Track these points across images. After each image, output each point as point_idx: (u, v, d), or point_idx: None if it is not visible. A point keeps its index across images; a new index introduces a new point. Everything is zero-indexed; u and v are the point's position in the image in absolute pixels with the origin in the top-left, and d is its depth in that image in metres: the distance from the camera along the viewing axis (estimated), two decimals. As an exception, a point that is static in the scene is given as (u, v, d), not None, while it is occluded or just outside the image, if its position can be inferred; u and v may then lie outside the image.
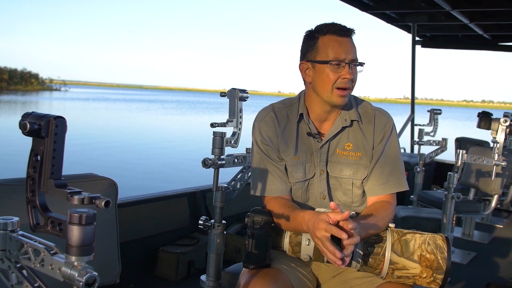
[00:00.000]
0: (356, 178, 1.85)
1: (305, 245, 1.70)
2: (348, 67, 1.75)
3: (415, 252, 1.65)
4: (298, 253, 1.73)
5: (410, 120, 7.58)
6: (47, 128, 0.96)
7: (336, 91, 1.77)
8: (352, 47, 1.78)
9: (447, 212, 3.69)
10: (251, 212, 1.76)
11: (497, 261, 4.28)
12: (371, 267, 1.67)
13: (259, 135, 1.89)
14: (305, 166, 1.87)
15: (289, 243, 1.75)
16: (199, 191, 3.75)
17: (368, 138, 1.85)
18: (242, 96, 2.27)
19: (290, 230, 1.75)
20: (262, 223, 1.72)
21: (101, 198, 0.92)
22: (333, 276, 1.88)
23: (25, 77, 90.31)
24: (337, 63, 1.76)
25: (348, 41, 1.78)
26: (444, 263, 1.64)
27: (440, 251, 1.65)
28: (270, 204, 1.84)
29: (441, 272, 1.63)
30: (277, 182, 1.87)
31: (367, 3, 6.32)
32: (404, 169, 1.90)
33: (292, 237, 1.74)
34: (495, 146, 3.79)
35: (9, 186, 1.86)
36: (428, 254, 1.64)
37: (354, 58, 1.77)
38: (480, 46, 8.41)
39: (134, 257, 3.17)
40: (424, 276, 1.64)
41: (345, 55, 1.75)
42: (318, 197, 1.89)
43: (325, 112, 1.86)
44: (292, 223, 1.70)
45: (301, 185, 1.89)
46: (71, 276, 0.93)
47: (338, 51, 1.76)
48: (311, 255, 1.70)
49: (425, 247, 1.65)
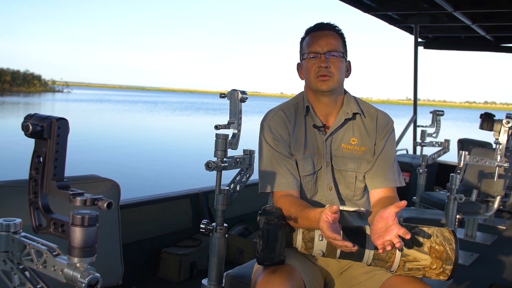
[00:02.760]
0: (359, 172, 1.96)
1: (318, 240, 1.73)
2: (325, 57, 1.90)
3: (425, 243, 1.69)
4: (311, 249, 1.76)
5: (413, 121, 7.56)
6: (49, 130, 0.96)
7: (318, 78, 1.91)
8: (328, 39, 1.92)
9: (450, 214, 3.68)
10: (262, 211, 1.78)
11: (500, 262, 4.27)
12: (383, 260, 1.70)
13: (269, 133, 1.96)
14: (313, 159, 1.96)
15: (302, 239, 1.77)
16: (201, 192, 3.75)
17: (370, 134, 1.97)
18: (243, 97, 2.26)
19: (301, 227, 1.78)
20: (276, 219, 1.74)
21: (104, 200, 0.92)
22: (341, 273, 1.92)
23: (28, 78, 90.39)
24: (313, 55, 1.92)
25: (324, 34, 1.94)
26: (453, 254, 1.68)
27: (449, 243, 1.69)
28: (281, 202, 1.87)
29: (450, 263, 1.67)
30: (289, 176, 1.92)
31: (370, 5, 6.32)
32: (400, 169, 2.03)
33: (305, 233, 1.77)
34: (497, 148, 3.79)
35: (11, 187, 1.86)
36: (437, 246, 1.68)
37: (330, 49, 1.90)
38: (482, 47, 8.39)
39: (136, 259, 3.17)
40: (434, 267, 1.68)
41: (320, 47, 1.91)
42: (325, 188, 1.97)
43: (325, 104, 1.97)
44: (304, 220, 1.73)
45: (311, 178, 1.96)
46: (73, 278, 0.94)
47: (314, 44, 1.93)
48: (324, 251, 1.73)
49: (434, 239, 1.70)
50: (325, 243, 1.71)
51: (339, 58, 1.92)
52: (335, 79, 1.91)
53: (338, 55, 1.91)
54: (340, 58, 1.92)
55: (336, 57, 1.91)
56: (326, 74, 1.89)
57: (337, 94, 1.97)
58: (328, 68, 1.89)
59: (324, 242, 1.72)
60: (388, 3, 6.39)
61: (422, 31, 7.71)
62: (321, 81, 1.90)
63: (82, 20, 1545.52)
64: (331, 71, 1.89)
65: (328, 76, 1.89)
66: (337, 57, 1.91)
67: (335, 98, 1.97)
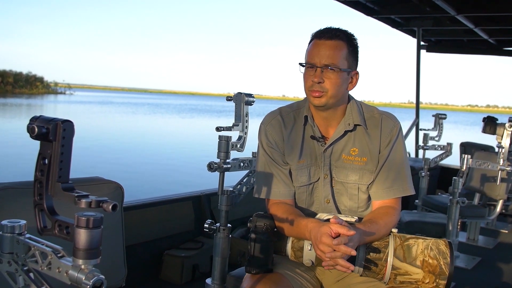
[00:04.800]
0: (362, 183, 1.86)
1: (307, 250, 1.71)
2: (320, 71, 1.77)
3: (417, 257, 1.65)
4: (300, 258, 1.74)
5: (415, 125, 7.56)
6: (55, 132, 0.97)
7: (311, 93, 1.80)
8: (327, 51, 1.77)
9: (452, 217, 3.68)
10: (253, 217, 1.76)
11: (502, 266, 4.26)
12: (374, 272, 1.68)
13: (265, 137, 1.90)
14: (310, 170, 1.88)
15: (291, 248, 1.75)
16: (204, 194, 3.75)
17: (374, 143, 1.85)
18: (248, 100, 2.27)
19: (292, 236, 1.75)
20: (264, 228, 1.72)
21: (108, 202, 0.92)
22: (336, 281, 1.88)
23: (30, 80, 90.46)
24: (310, 66, 1.80)
25: (325, 45, 1.78)
26: (447, 268, 1.63)
27: (443, 257, 1.64)
28: (273, 209, 1.84)
29: (443, 278, 1.63)
30: (281, 186, 1.87)
31: (372, 8, 6.32)
32: (410, 173, 1.90)
33: (295, 242, 1.74)
34: (500, 151, 3.79)
35: (16, 189, 1.86)
36: (430, 260, 1.64)
37: (327, 63, 1.76)
38: (485, 51, 8.39)
39: (139, 261, 3.18)
40: (427, 281, 1.64)
41: (318, 59, 1.77)
42: (322, 201, 1.89)
43: (323, 116, 1.88)
44: (295, 230, 1.71)
45: (305, 188, 1.89)
46: (78, 279, 0.94)
47: (312, 54, 1.79)
48: (313, 260, 1.71)
49: (427, 253, 1.65)
50: (314, 252, 1.67)
51: (337, 73, 1.77)
52: (329, 95, 1.78)
53: (336, 70, 1.77)
54: (338, 73, 1.77)
55: (334, 72, 1.77)
56: (317, 90, 1.77)
57: (335, 107, 1.84)
58: (322, 84, 1.77)
59: (313, 251, 1.68)
60: (391, 7, 6.39)
61: (424, 35, 7.70)
62: (313, 97, 1.79)
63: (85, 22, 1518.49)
64: (324, 86, 1.77)
65: (320, 92, 1.77)
66: (335, 72, 1.77)
67: (333, 110, 1.85)
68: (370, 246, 1.68)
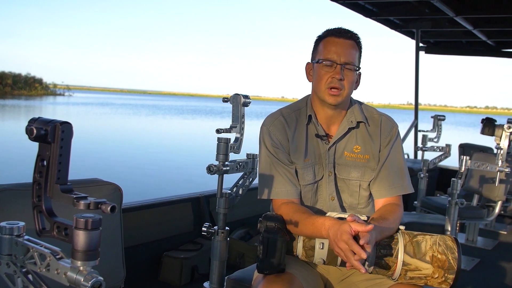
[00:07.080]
0: (363, 180, 1.90)
1: (318, 249, 1.72)
2: (340, 68, 1.81)
3: (427, 253, 1.68)
4: (311, 257, 1.74)
5: (414, 126, 7.57)
6: (53, 134, 0.97)
7: (328, 90, 1.83)
8: (347, 50, 1.83)
9: (451, 218, 3.68)
10: (263, 218, 1.76)
11: (501, 267, 4.26)
12: (384, 269, 1.69)
13: (268, 138, 1.91)
14: (315, 168, 1.90)
15: (303, 247, 1.75)
16: (202, 196, 3.75)
17: (375, 141, 1.91)
18: (245, 101, 2.27)
19: (304, 235, 1.75)
20: (276, 228, 1.72)
21: (107, 203, 0.92)
22: (341, 280, 1.90)
23: (29, 82, 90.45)
24: (329, 63, 1.82)
25: (345, 43, 1.84)
26: (455, 263, 1.67)
27: (451, 252, 1.68)
28: (283, 209, 1.83)
29: (452, 272, 1.67)
30: (288, 185, 1.88)
31: (371, 9, 6.33)
32: (408, 173, 1.95)
33: (306, 242, 1.75)
34: (498, 153, 3.79)
35: (15, 190, 1.86)
36: (439, 255, 1.67)
37: (348, 61, 1.82)
38: (483, 52, 8.41)
39: (138, 262, 3.17)
40: (436, 276, 1.67)
41: (338, 57, 1.81)
42: (327, 198, 1.92)
43: (328, 114, 1.91)
44: (310, 228, 1.70)
45: (311, 187, 1.91)
46: (76, 281, 0.94)
47: (332, 51, 1.83)
48: (324, 259, 1.72)
49: (436, 248, 1.69)
50: (326, 251, 1.69)
51: (353, 72, 1.84)
52: (345, 94, 1.84)
53: (353, 69, 1.84)
54: (354, 72, 1.84)
55: (351, 71, 1.83)
56: (338, 87, 1.81)
57: (343, 105, 1.90)
58: (342, 81, 1.81)
59: (324, 250, 1.70)
60: (390, 8, 6.41)
61: (423, 36, 7.72)
62: (331, 94, 1.82)
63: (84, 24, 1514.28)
64: (343, 84, 1.82)
65: (339, 90, 1.81)
66: (352, 71, 1.83)
67: (340, 109, 1.91)
68: (380, 244, 1.69)
